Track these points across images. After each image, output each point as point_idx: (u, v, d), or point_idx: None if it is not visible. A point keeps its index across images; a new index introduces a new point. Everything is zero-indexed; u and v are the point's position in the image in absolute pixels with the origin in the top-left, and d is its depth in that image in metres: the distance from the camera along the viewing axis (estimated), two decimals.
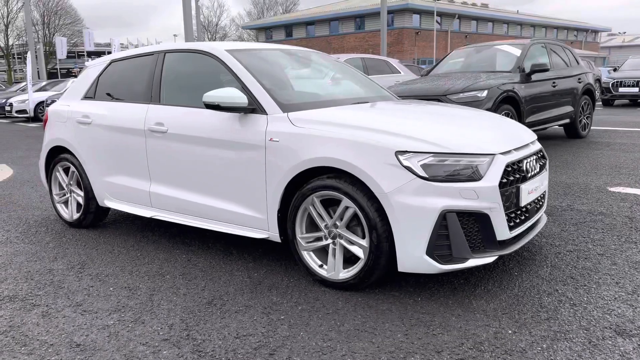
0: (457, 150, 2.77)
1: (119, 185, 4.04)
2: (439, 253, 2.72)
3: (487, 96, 7.12)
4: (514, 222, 2.94)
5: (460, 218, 2.71)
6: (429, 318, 2.61)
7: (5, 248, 3.99)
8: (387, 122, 3.05)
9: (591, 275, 3.07)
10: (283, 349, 2.36)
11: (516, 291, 2.90)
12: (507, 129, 3.32)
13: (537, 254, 3.47)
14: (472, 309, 2.70)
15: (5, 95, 20.91)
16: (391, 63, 12.07)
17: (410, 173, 2.68)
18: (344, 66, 4.49)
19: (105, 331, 2.59)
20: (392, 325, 2.55)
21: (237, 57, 3.54)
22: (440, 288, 2.96)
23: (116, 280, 3.26)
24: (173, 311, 2.79)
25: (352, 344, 2.39)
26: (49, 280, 3.28)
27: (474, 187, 2.71)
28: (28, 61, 18.83)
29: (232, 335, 2.50)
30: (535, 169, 3.14)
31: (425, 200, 2.67)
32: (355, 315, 2.66)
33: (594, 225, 4.03)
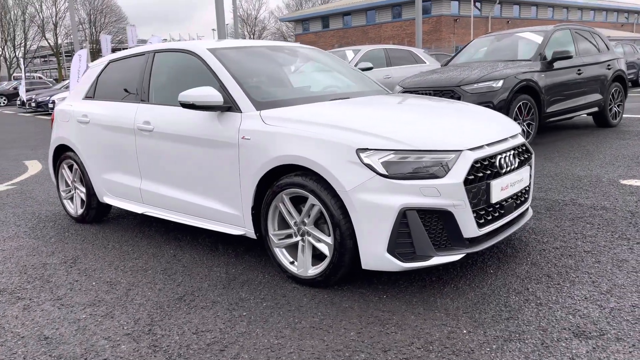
0: (420, 147, 2.73)
1: (115, 182, 4.18)
2: (401, 251, 2.70)
3: (503, 86, 6.93)
4: (485, 219, 2.88)
5: (421, 216, 2.68)
6: (388, 316, 2.60)
7: (11, 242, 4.20)
8: (354, 119, 3.03)
9: (569, 274, 2.98)
10: (235, 345, 2.41)
11: (485, 289, 2.84)
12: (484, 123, 3.24)
13: (521, 250, 3.38)
14: (435, 308, 2.67)
15: (50, 92, 21.80)
16: (415, 53, 11.88)
17: (371, 171, 2.67)
18: (334, 60, 4.47)
19: (75, 325, 2.70)
20: (348, 323, 2.56)
21: (217, 55, 3.59)
22: (410, 285, 2.94)
23: (101, 274, 3.38)
24: (144, 306, 2.88)
25: (303, 341, 2.41)
26: (39, 275, 3.44)
27: (436, 185, 2.67)
28: (74, 60, 19.38)
29: (190, 331, 2.56)
30: (513, 164, 3.06)
31: (385, 198, 2.65)
32: (316, 313, 2.68)
33: (591, 221, 3.89)
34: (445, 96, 7.12)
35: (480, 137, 2.97)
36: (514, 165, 3.07)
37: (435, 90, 7.27)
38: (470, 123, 3.18)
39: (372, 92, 3.99)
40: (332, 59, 4.46)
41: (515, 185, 3.09)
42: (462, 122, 3.16)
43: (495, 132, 3.12)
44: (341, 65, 4.43)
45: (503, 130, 3.19)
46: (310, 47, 4.51)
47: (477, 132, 3.01)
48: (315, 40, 46.83)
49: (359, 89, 4.03)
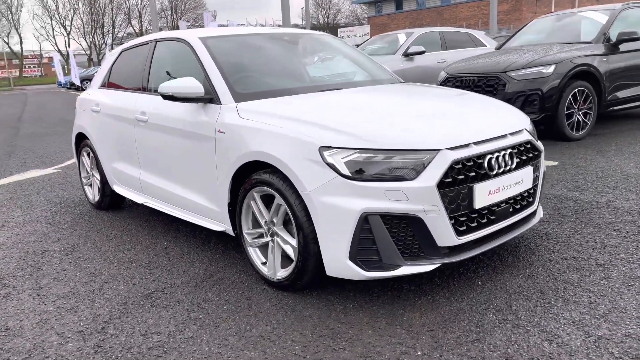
0: (388, 146, 2.48)
1: (122, 171, 4.21)
2: (364, 258, 2.48)
3: (555, 72, 6.36)
4: (467, 226, 2.59)
5: (387, 221, 2.44)
6: (344, 329, 2.40)
7: (27, 227, 4.35)
8: (326, 113, 2.82)
9: (566, 291, 2.63)
10: (174, 352, 2.31)
11: (463, 304, 2.56)
12: (480, 118, 2.92)
13: (523, 260, 3.04)
14: (399, 322, 2.43)
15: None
16: (475, 36, 11.22)
17: (333, 171, 2.46)
18: (341, 47, 4.22)
19: (39, 317, 2.72)
20: (299, 334, 2.39)
21: (208, 44, 3.48)
22: (382, 294, 2.72)
23: (88, 265, 3.41)
24: (110, 301, 2.86)
25: (243, 352, 2.27)
26: (34, 262, 3.52)
27: (403, 188, 2.41)
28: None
29: (140, 332, 2.50)
30: (509, 165, 2.72)
31: (346, 201, 2.44)
32: (271, 320, 2.53)
33: (620, 228, 3.44)
34: (489, 83, 6.64)
35: (469, 134, 2.66)
36: (510, 166, 2.73)
37: (479, 77, 6.81)
38: (463, 118, 2.87)
39: (373, 82, 3.73)
40: (338, 46, 4.21)
41: (511, 189, 2.75)
42: (452, 117, 2.86)
43: (491, 128, 2.79)
44: (348, 53, 4.18)
45: (501, 126, 2.85)
46: (319, 33, 4.29)
47: (466, 129, 2.70)
48: (388, 22, 45.90)
49: (359, 78, 3.78)
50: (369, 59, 4.19)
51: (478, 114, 2.98)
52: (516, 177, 2.77)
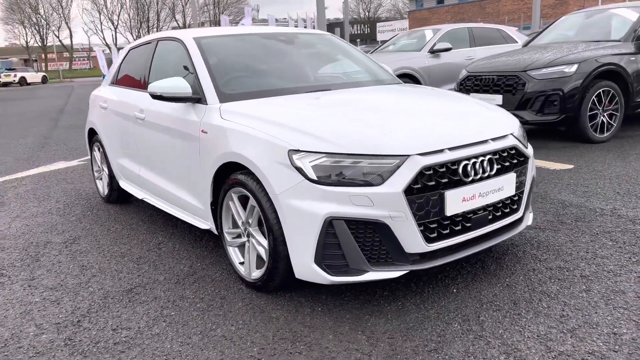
0: (357, 150, 2.46)
1: (125, 167, 4.32)
2: (330, 263, 2.48)
3: (577, 71, 6.14)
4: (439, 233, 2.55)
5: (352, 227, 2.43)
6: (306, 333, 2.41)
7: (38, 218, 4.54)
8: (301, 115, 2.82)
9: (540, 303, 2.55)
10: (137, 348, 2.37)
11: (431, 312, 2.53)
12: (460, 121, 2.86)
13: (506, 268, 2.97)
14: (362, 328, 2.42)
15: None
16: (506, 32, 10.92)
17: (300, 174, 2.46)
18: (339, 46, 4.19)
19: (23, 308, 2.84)
20: (261, 336, 2.41)
21: (201, 44, 3.53)
22: (354, 298, 2.71)
23: (83, 258, 3.53)
24: (93, 295, 2.95)
25: (203, 352, 2.31)
26: (34, 253, 3.67)
27: (368, 193, 2.39)
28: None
29: (111, 327, 2.57)
30: (487, 171, 2.66)
31: (311, 205, 2.44)
32: (238, 320, 2.56)
33: (618, 238, 3.31)
34: (509, 82, 6.47)
35: (445, 139, 2.61)
36: (488, 172, 2.67)
37: (498, 76, 6.64)
38: (443, 123, 2.82)
39: (366, 83, 3.70)
40: (337, 45, 4.19)
41: (490, 196, 2.69)
42: (431, 122, 2.81)
43: (471, 133, 2.73)
44: (347, 52, 4.15)
45: (483, 132, 2.78)
46: (318, 32, 4.28)
47: (442, 134, 2.65)
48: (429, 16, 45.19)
49: (353, 79, 3.76)
50: (369, 59, 4.15)
51: (461, 119, 2.92)
52: (495, 184, 2.71)
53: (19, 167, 7.05)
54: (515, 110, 6.41)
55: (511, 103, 6.44)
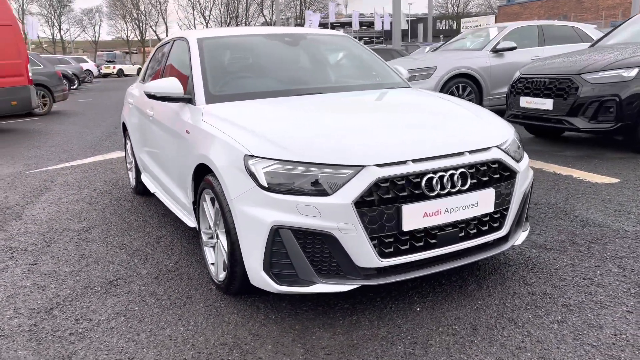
0: (310, 159, 2.40)
1: (144, 161, 4.50)
2: (278, 271, 2.44)
3: (638, 76, 5.60)
4: (396, 249, 2.43)
5: (299, 236, 2.37)
6: (248, 341, 2.39)
7: (70, 205, 4.84)
8: (266, 120, 2.80)
9: (503, 331, 2.36)
10: (87, 340, 2.46)
11: (381, 331, 2.42)
12: (434, 132, 2.71)
13: (486, 289, 2.77)
14: (303, 342, 2.37)
15: None
16: (582, 30, 10.17)
17: (253, 180, 2.44)
18: (348, 48, 4.09)
19: (12, 291, 3.04)
20: (204, 340, 2.42)
21: (202, 45, 3.59)
22: (312, 308, 2.65)
23: (87, 247, 3.72)
24: (77, 284, 3.10)
25: (142, 350, 2.36)
26: (49, 239, 3.92)
27: (316, 203, 2.32)
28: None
29: (75, 318, 2.69)
30: (457, 185, 2.50)
31: (260, 212, 2.41)
32: (190, 321, 2.59)
33: (626, 265, 2.99)
34: (560, 86, 6.03)
35: (410, 150, 2.48)
36: (459, 187, 2.50)
37: (550, 79, 6.21)
38: (413, 131, 2.68)
39: (364, 87, 3.59)
40: (346, 47, 4.09)
41: (459, 212, 2.52)
42: (400, 130, 2.68)
43: (442, 144, 2.57)
44: (355, 54, 4.04)
45: (458, 143, 2.61)
46: (331, 33, 4.20)
47: (406, 144, 2.52)
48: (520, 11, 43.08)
49: (350, 83, 3.65)
50: (378, 61, 4.02)
51: (438, 129, 2.76)
52: (468, 200, 2.53)
53: (79, 154, 7.56)
54: (566, 116, 5.99)
55: (562, 109, 6.01)
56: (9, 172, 6.53)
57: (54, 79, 14.05)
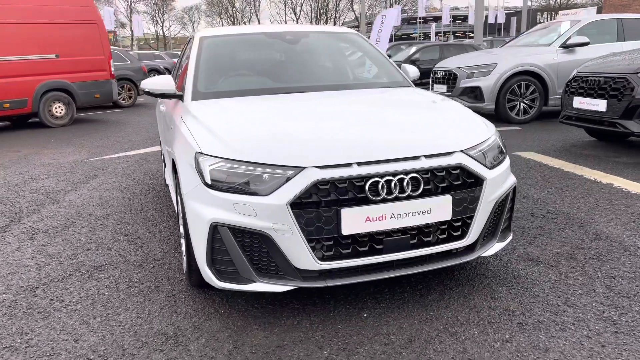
0: (252, 158, 2.42)
1: (163, 153, 4.73)
2: (220, 268, 2.48)
3: None
4: (337, 252, 2.39)
5: (237, 235, 2.40)
6: (188, 333, 2.46)
7: (104, 193, 5.18)
8: (226, 119, 2.84)
9: (437, 345, 2.25)
10: (49, 319, 2.65)
11: (317, 335, 2.39)
12: (390, 133, 2.62)
13: (446, 300, 2.65)
14: (235, 339, 2.40)
15: None
16: None
17: (200, 177, 2.50)
18: (352, 47, 4.02)
19: (14, 268, 3.32)
20: (148, 329, 2.52)
21: (203, 43, 3.70)
22: (263, 306, 2.67)
23: (97, 232, 3.98)
24: (70, 266, 3.33)
25: (90, 334, 2.50)
26: (70, 223, 4.24)
27: (252, 203, 2.34)
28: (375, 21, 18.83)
29: (49, 298, 2.89)
30: (406, 190, 2.40)
31: (203, 208, 2.46)
32: (145, 310, 2.70)
33: (616, 286, 2.73)
34: (615, 86, 5.54)
35: (355, 152, 2.42)
36: (408, 192, 2.41)
37: (605, 78, 5.72)
38: (366, 134, 2.61)
39: (352, 86, 3.54)
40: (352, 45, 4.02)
41: (408, 218, 2.42)
42: (352, 132, 2.63)
43: (394, 148, 2.49)
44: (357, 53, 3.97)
45: (413, 147, 2.51)
46: (339, 31, 4.15)
47: (353, 147, 2.47)
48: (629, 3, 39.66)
49: (336, 82, 3.59)
50: (382, 60, 3.91)
51: (396, 132, 2.66)
52: (418, 206, 2.43)
53: (139, 145, 8.04)
54: (620, 119, 5.50)
55: (615, 111, 5.53)
56: (72, 159, 7.09)
57: (139, 74, 15.01)
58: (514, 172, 5.23)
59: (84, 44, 11.18)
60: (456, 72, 8.96)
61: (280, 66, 3.75)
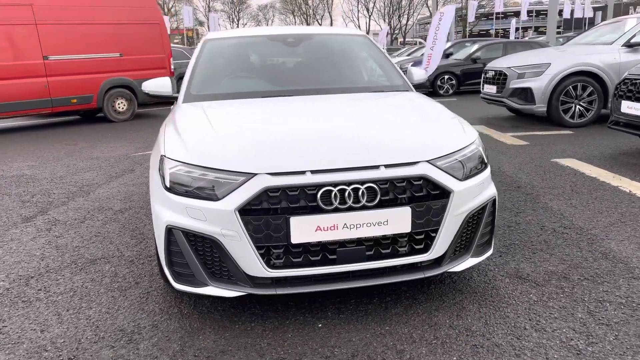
0: (206, 163, 2.43)
1: None
2: (177, 270, 2.53)
3: None
4: (288, 260, 2.37)
5: (190, 238, 2.43)
6: (144, 332, 2.52)
7: (132, 187, 5.41)
8: (197, 123, 2.88)
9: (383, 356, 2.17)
10: (29, 307, 2.80)
11: (262, 343, 2.38)
12: (352, 140, 2.55)
13: (408, 315, 2.55)
14: (184, 341, 2.43)
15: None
16: None
17: (162, 180, 2.56)
18: (357, 50, 3.93)
19: (21, 258, 3.55)
20: (111, 324, 2.61)
21: (207, 45, 3.77)
22: (228, 309, 2.69)
23: (109, 226, 4.16)
24: (69, 258, 3.51)
25: (57, 325, 2.62)
26: (88, 216, 4.46)
27: (202, 207, 2.36)
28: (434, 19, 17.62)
29: (38, 288, 3.06)
30: (360, 200, 2.34)
31: (161, 211, 2.52)
32: (115, 306, 2.80)
33: (598, 312, 2.51)
34: None
35: (309, 160, 2.38)
36: (363, 202, 2.34)
37: None
38: (326, 141, 2.55)
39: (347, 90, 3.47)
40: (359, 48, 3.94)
41: (362, 229, 2.36)
42: (316, 138, 2.58)
43: (352, 156, 2.42)
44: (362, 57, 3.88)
45: (373, 156, 2.43)
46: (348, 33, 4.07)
47: (308, 154, 2.43)
48: None
49: (328, 86, 3.52)
50: (385, 64, 3.80)
51: (360, 139, 2.58)
52: (374, 217, 2.35)
53: None
54: None
55: None
56: (119, 153, 7.46)
57: None
58: (544, 180, 4.96)
59: (146, 43, 11.72)
60: (506, 72, 8.56)
61: (273, 69, 3.75)
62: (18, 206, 4.84)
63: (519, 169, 5.49)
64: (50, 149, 8.03)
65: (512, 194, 4.57)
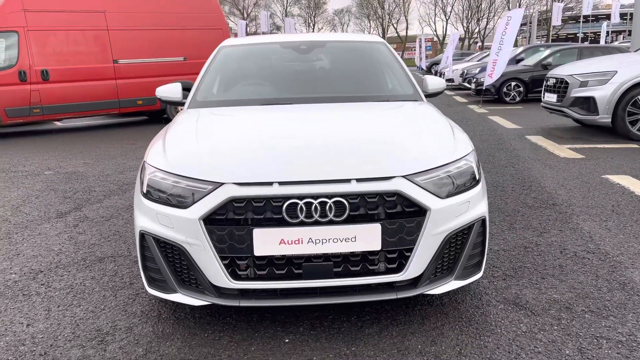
0: (179, 171, 2.45)
1: None
2: (151, 275, 2.56)
3: None
4: (253, 272, 2.34)
5: (160, 244, 2.45)
6: (122, 334, 2.57)
7: None
8: (183, 129, 2.90)
9: None
10: (25, 302, 2.93)
11: (223, 355, 2.35)
12: (328, 153, 2.47)
13: (381, 337, 2.43)
14: (151, 346, 2.45)
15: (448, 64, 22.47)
16: None
17: (140, 186, 2.60)
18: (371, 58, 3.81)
19: (38, 252, 3.73)
20: (92, 324, 2.68)
21: (222, 52, 3.82)
22: (204, 317, 2.69)
23: (128, 226, 4.30)
24: (81, 255, 3.66)
25: (44, 322, 2.72)
26: (115, 215, 4.63)
27: (170, 215, 2.38)
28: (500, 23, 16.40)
29: (41, 283, 3.21)
30: (328, 215, 2.26)
31: (138, 216, 2.56)
32: (101, 306, 2.87)
33: (591, 348, 2.27)
34: None
35: (278, 171, 2.34)
36: (330, 217, 2.26)
37: None
38: (301, 152, 2.49)
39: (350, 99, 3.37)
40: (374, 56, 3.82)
41: (328, 245, 2.27)
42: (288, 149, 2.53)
43: (323, 169, 2.34)
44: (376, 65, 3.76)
45: (345, 169, 2.34)
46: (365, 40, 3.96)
47: (278, 165, 2.38)
48: None
49: (335, 94, 3.42)
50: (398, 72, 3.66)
51: (334, 152, 2.50)
52: (340, 232, 2.26)
53: None
54: None
55: None
56: None
57: None
58: (585, 199, 4.59)
59: (209, 48, 12.07)
60: (568, 79, 8.05)
61: (280, 76, 3.71)
62: (59, 202, 5.12)
63: (561, 185, 5.12)
64: (109, 148, 8.46)
65: (543, 211, 4.27)
